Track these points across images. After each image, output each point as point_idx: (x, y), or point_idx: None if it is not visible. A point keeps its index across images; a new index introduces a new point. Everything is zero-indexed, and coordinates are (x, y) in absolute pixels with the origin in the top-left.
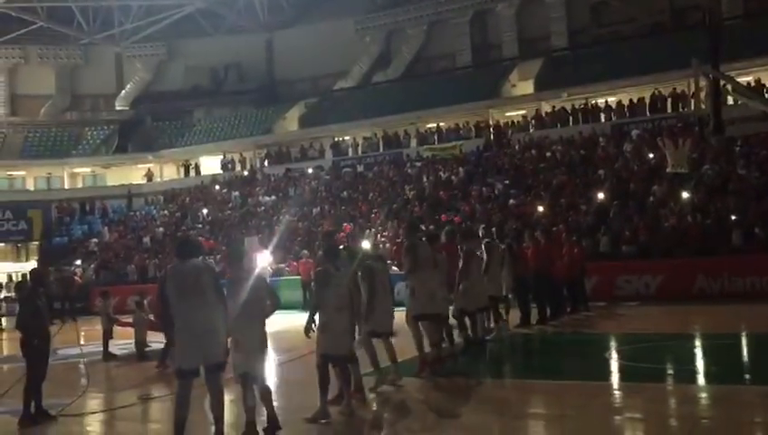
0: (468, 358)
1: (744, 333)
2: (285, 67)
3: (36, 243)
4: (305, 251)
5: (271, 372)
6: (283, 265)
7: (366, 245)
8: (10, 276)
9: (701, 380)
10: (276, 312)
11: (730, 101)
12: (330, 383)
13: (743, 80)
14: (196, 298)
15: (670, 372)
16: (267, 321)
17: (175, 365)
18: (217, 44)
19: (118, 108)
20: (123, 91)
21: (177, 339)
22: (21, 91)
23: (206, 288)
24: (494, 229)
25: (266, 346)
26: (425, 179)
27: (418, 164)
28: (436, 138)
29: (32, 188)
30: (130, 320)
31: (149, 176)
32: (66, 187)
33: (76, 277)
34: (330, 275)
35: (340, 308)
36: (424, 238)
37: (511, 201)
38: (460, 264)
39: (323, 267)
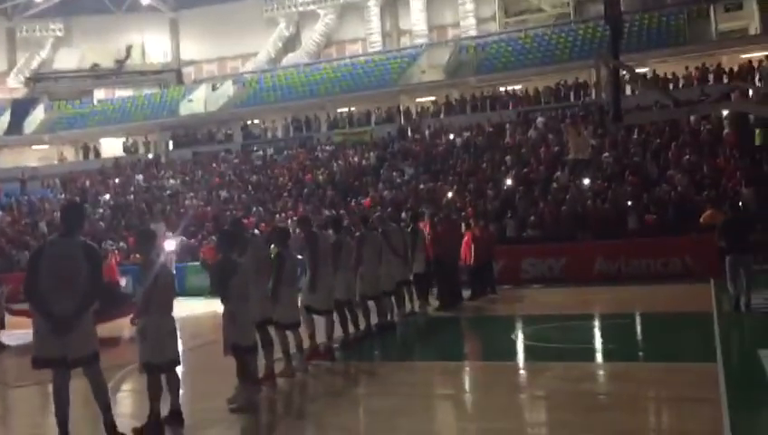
0: (375, 342)
1: (638, 313)
2: (191, 47)
3: None
4: (213, 237)
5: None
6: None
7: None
8: None
9: (599, 358)
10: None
11: (628, 91)
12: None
13: (640, 71)
14: (66, 284)
15: (571, 351)
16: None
17: (33, 352)
18: (119, 22)
19: (10, 86)
20: (16, 69)
21: (38, 323)
22: None
23: (79, 273)
24: (403, 214)
25: (174, 334)
26: (335, 164)
27: (329, 148)
28: (347, 122)
29: None
30: (27, 308)
31: (62, 159)
32: None
33: None
34: (233, 263)
35: (243, 297)
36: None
37: (421, 186)
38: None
39: (223, 256)
